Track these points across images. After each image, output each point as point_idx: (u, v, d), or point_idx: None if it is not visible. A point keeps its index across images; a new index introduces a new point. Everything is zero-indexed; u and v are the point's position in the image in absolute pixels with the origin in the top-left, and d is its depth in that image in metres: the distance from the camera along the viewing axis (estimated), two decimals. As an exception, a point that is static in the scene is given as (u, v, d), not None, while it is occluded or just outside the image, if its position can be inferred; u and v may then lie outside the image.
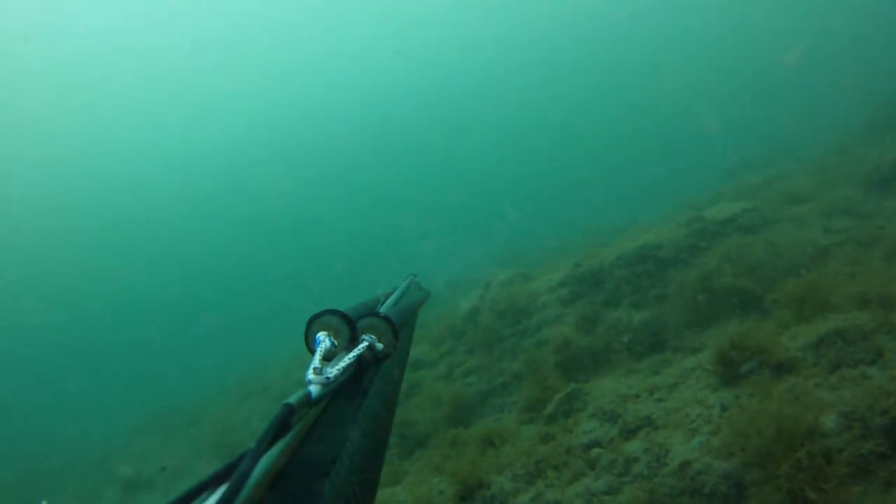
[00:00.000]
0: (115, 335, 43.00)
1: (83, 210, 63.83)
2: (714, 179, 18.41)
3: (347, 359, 1.09)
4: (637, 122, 41.52)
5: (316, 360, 1.00)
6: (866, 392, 4.58)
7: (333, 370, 0.99)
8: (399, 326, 1.34)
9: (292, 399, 0.84)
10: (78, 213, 63.65)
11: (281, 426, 0.78)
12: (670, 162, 27.75)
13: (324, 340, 1.12)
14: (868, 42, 29.44)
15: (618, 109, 46.71)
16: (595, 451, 5.37)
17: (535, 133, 50.61)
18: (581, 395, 6.45)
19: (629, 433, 5.46)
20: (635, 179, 27.20)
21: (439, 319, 11.84)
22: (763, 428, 4.36)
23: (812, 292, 6.36)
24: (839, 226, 9.15)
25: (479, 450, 6.28)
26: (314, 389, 0.92)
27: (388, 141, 61.85)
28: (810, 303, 6.25)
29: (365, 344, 1.20)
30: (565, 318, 9.11)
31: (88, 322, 48.01)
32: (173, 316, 41.26)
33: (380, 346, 1.26)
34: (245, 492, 0.64)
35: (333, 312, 1.18)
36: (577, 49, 61.90)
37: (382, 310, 1.59)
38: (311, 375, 0.95)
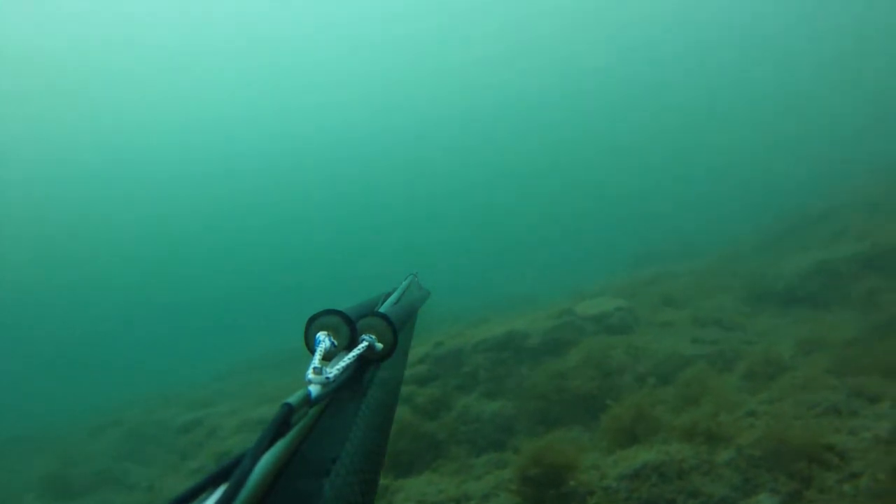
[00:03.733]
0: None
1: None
2: (618, 265, 18.47)
3: (347, 359, 1.08)
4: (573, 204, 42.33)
5: (316, 360, 0.99)
6: (664, 542, 4.11)
7: (333, 370, 0.99)
8: (399, 326, 1.32)
9: (292, 399, 0.83)
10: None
11: (281, 426, 0.77)
12: (590, 243, 28.11)
13: (323, 340, 1.11)
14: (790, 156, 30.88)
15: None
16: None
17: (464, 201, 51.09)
18: (387, 494, 5.78)
19: (413, 554, 4.81)
20: (552, 257, 27.29)
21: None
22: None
23: (648, 412, 5.94)
24: (708, 337, 8.93)
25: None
26: (314, 389, 0.91)
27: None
28: (643, 424, 5.83)
29: (365, 344, 1.18)
30: (416, 398, 8.48)
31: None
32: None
33: (380, 345, 1.24)
34: (245, 491, 0.63)
35: (333, 312, 1.17)
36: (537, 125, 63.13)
37: (382, 309, 1.55)
38: (310, 375, 0.94)
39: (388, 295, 1.89)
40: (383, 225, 50.76)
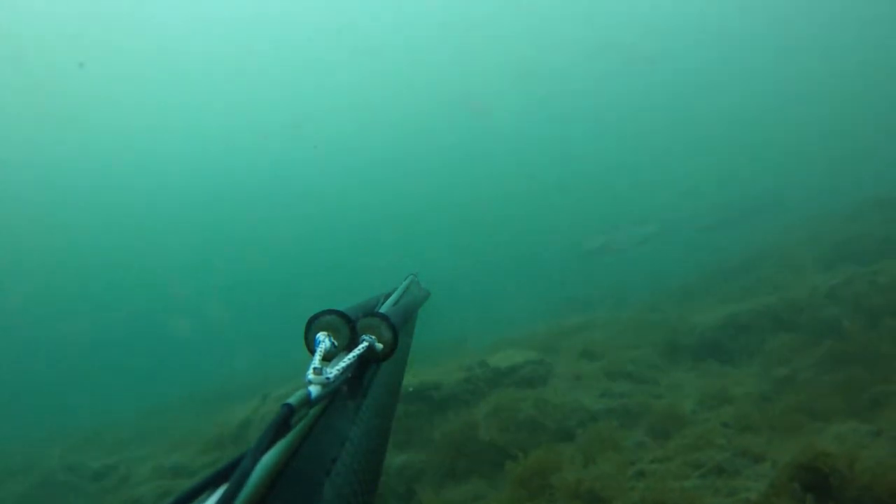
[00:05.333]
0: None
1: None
2: (547, 311, 18.70)
3: (347, 359, 1.08)
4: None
5: (316, 361, 1.00)
6: None
7: (333, 370, 1.00)
8: (399, 326, 1.33)
9: (292, 399, 0.85)
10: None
11: (281, 426, 0.79)
12: (529, 285, 28.27)
13: (323, 340, 1.12)
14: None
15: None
16: None
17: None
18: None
19: None
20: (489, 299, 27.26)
21: (216, 426, 10.81)
22: None
23: (541, 472, 6.04)
24: (618, 390, 9.11)
25: None
26: (314, 390, 0.92)
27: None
28: (536, 483, 5.92)
29: (365, 344, 1.19)
30: (325, 449, 8.41)
31: None
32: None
33: (379, 345, 1.25)
34: (245, 491, 0.63)
35: (333, 312, 1.18)
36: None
37: (382, 310, 1.56)
38: (310, 376, 0.96)
39: (388, 295, 1.91)
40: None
